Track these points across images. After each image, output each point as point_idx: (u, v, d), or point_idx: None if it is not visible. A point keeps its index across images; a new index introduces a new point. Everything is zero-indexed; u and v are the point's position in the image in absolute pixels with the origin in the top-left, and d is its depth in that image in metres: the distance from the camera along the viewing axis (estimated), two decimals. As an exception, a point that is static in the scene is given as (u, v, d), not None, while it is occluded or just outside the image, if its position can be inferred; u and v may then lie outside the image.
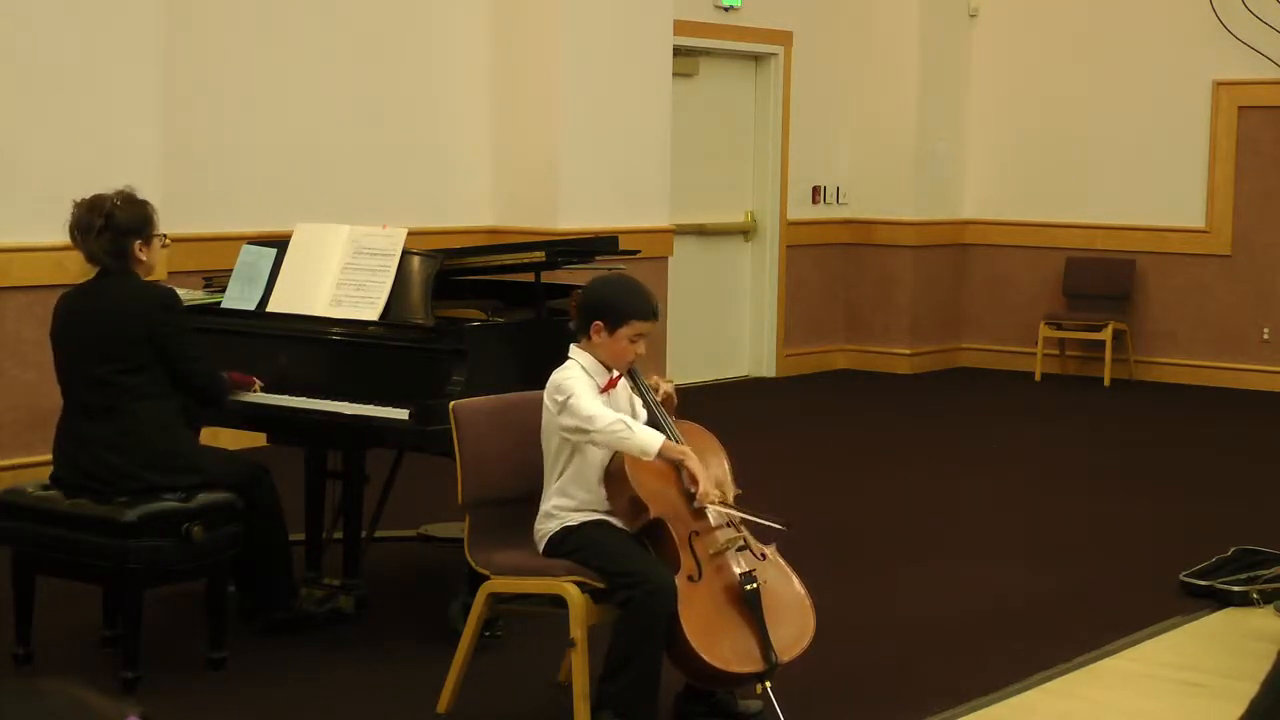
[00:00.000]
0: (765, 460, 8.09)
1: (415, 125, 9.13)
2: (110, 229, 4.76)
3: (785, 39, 11.41)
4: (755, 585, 4.27)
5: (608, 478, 4.34)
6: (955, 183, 12.20)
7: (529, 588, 4.41)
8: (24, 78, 6.83)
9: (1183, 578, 5.98)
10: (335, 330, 5.29)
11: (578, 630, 4.21)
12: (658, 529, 4.29)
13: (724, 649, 4.19)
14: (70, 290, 4.94)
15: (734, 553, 4.35)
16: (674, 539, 4.27)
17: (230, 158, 8.21)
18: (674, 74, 10.00)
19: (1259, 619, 5.61)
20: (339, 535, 5.46)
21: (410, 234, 5.38)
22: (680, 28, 10.19)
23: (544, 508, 4.43)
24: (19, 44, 6.81)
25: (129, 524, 4.60)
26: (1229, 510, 7.41)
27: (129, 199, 4.83)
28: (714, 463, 4.52)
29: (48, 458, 5.00)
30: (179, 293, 5.04)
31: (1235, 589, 5.79)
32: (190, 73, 7.96)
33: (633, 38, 9.60)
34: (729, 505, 4.37)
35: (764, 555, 4.43)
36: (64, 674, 1.73)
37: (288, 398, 5.24)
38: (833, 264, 12.06)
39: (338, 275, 5.33)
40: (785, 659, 4.27)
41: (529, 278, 5.53)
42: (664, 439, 4.28)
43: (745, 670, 4.23)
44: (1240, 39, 10.98)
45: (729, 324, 11.52)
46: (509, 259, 5.61)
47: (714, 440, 4.60)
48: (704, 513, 4.35)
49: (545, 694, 4.68)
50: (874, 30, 11.86)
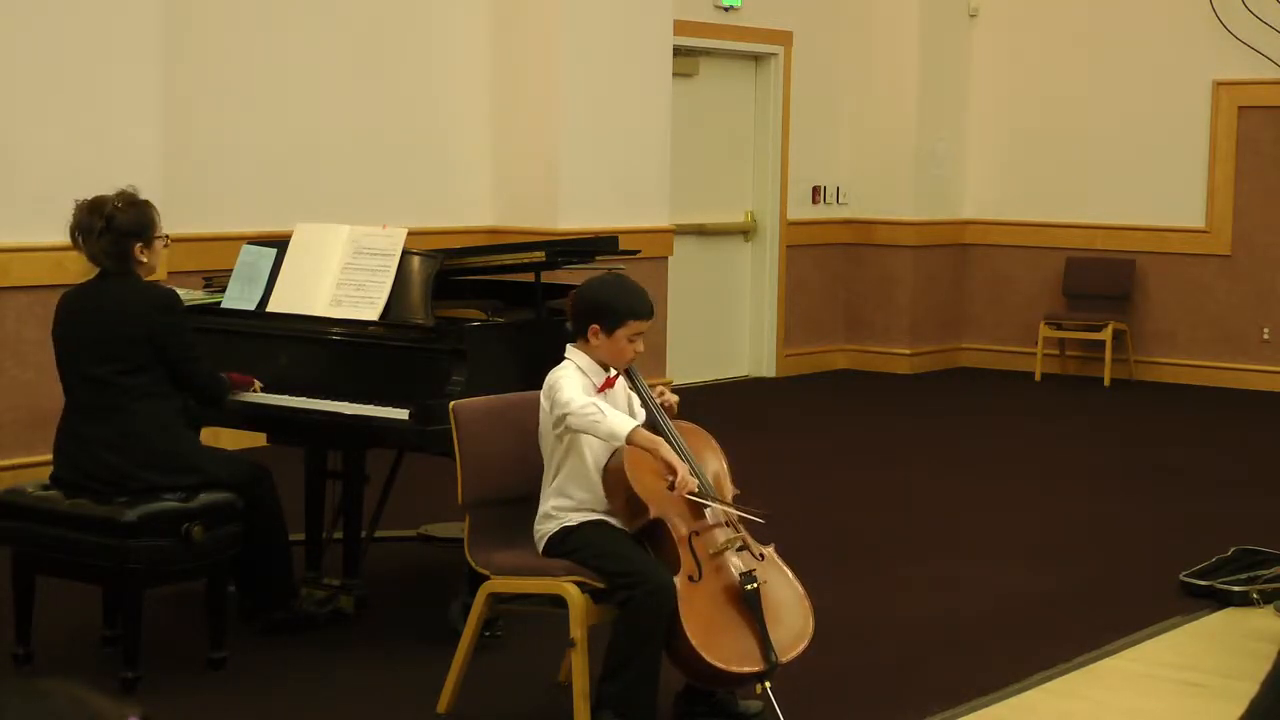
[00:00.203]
0: (765, 460, 8.09)
1: (415, 125, 9.12)
2: (111, 231, 4.75)
3: (785, 39, 11.41)
4: (755, 585, 4.27)
5: (607, 477, 4.34)
6: (955, 183, 12.20)
7: (529, 588, 4.41)
8: (24, 78, 6.83)
9: (1183, 578, 5.98)
10: (335, 330, 5.29)
11: (578, 630, 4.21)
12: (657, 529, 4.29)
13: (724, 649, 4.19)
14: (71, 290, 4.93)
15: (733, 552, 4.35)
16: (674, 539, 4.27)
17: (230, 158, 8.21)
18: (674, 74, 10.00)
19: (1259, 619, 5.61)
20: (339, 535, 5.46)
21: (410, 234, 5.38)
22: (680, 28, 10.19)
23: (543, 509, 4.43)
24: (19, 44, 6.81)
25: (129, 524, 4.60)
26: (1229, 510, 7.41)
27: (130, 200, 4.82)
28: (712, 462, 4.52)
29: (48, 458, 5.00)
30: (179, 293, 5.04)
31: (1235, 589, 5.79)
32: (190, 73, 7.95)
33: (633, 38, 9.60)
34: (707, 497, 4.33)
35: (762, 555, 4.43)
36: (64, 674, 1.73)
37: (288, 398, 5.24)
38: (833, 264, 12.06)
39: (338, 275, 5.33)
40: (785, 659, 4.27)
41: (529, 278, 5.53)
42: (636, 425, 4.24)
43: (745, 670, 4.23)
44: (1240, 39, 10.98)
45: (729, 324, 11.52)
46: (509, 259, 5.61)
47: (712, 440, 4.60)
48: (703, 512, 4.35)
49: (545, 694, 4.68)
50: (874, 30, 11.85)
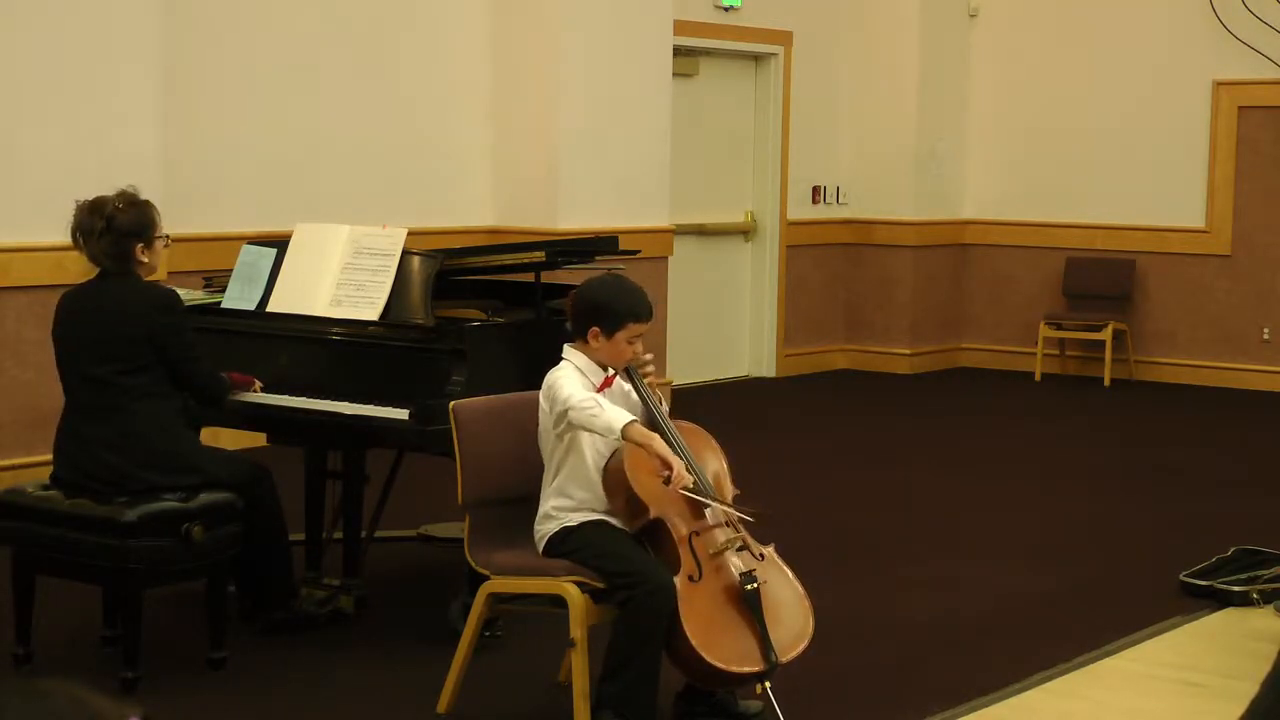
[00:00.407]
0: (765, 460, 8.09)
1: (415, 125, 9.12)
2: (111, 232, 4.74)
3: (785, 39, 11.41)
4: (755, 585, 4.27)
5: (606, 477, 4.34)
6: (955, 183, 12.20)
7: (529, 588, 4.41)
8: (24, 78, 6.83)
9: (1183, 578, 5.98)
10: (335, 330, 5.29)
11: (578, 630, 4.21)
12: (657, 529, 4.29)
13: (724, 649, 4.19)
14: (71, 290, 4.93)
15: (733, 552, 4.35)
16: (674, 539, 4.27)
17: (230, 158, 8.20)
18: (674, 74, 10.00)
19: (1259, 619, 5.61)
20: (339, 535, 5.46)
21: (410, 234, 5.38)
22: (680, 28, 10.19)
23: (543, 509, 4.43)
24: (19, 44, 6.81)
25: (129, 524, 4.60)
26: (1229, 510, 7.41)
27: (131, 201, 4.81)
28: (712, 462, 4.52)
29: (48, 458, 5.01)
30: (179, 293, 5.04)
31: (1235, 589, 5.79)
32: (190, 73, 7.95)
33: (633, 38, 9.60)
34: (704, 494, 4.33)
35: (762, 555, 4.43)
36: (64, 674, 1.74)
37: (288, 398, 5.24)
38: (833, 264, 12.05)
39: (338, 275, 5.33)
40: (785, 659, 4.27)
41: (529, 278, 5.53)
42: (631, 420, 4.21)
43: (745, 670, 4.23)
44: (1240, 39, 10.98)
45: (729, 324, 11.51)
46: (509, 259, 5.61)
47: (712, 440, 4.60)
48: (703, 512, 4.35)
49: (545, 694, 4.68)
50: (874, 30, 11.85)
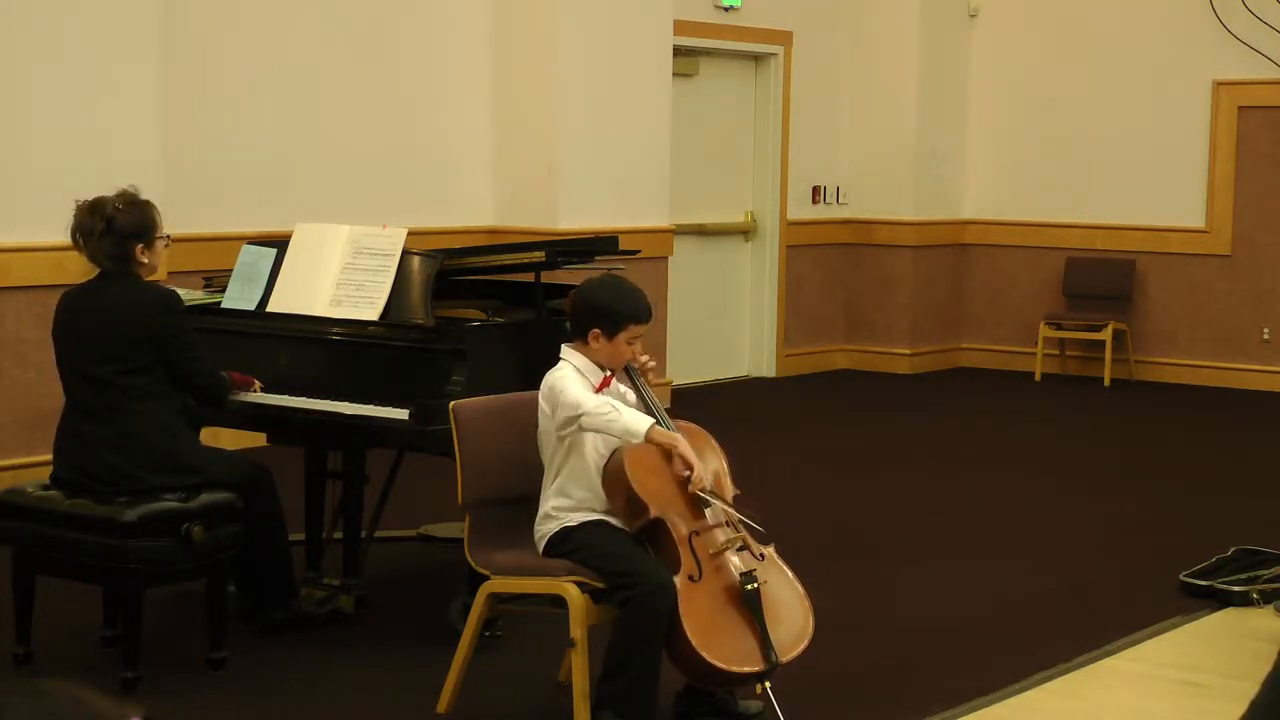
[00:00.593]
0: (765, 460, 8.09)
1: (415, 125, 9.13)
2: (112, 232, 4.74)
3: (785, 39, 11.41)
4: (755, 585, 4.27)
5: (606, 476, 4.34)
6: (955, 183, 12.20)
7: (529, 588, 4.41)
8: (24, 78, 6.83)
9: (1183, 578, 5.98)
10: (335, 330, 5.29)
11: (578, 630, 4.21)
12: (657, 529, 4.29)
13: (724, 648, 4.19)
14: (71, 290, 4.93)
15: (733, 552, 4.35)
16: (674, 538, 4.27)
17: (230, 158, 8.20)
18: (674, 74, 10.00)
19: (1259, 619, 5.61)
20: (339, 535, 5.46)
21: (410, 234, 5.38)
22: (680, 28, 10.19)
23: (543, 509, 4.43)
24: (19, 44, 6.81)
25: (129, 524, 4.59)
26: (1229, 510, 7.41)
27: (131, 201, 4.81)
28: (712, 461, 4.52)
29: (48, 458, 5.00)
30: (179, 293, 5.03)
31: (1235, 589, 5.79)
32: (190, 73, 7.95)
33: (633, 38, 9.60)
34: (718, 497, 4.36)
35: (763, 555, 4.43)
36: (64, 674, 1.73)
37: (288, 398, 5.24)
38: (833, 264, 12.05)
39: (338, 275, 5.33)
40: (785, 659, 4.27)
41: (529, 278, 5.53)
42: (652, 422, 4.25)
43: (745, 670, 4.23)
44: (1240, 39, 10.98)
45: (729, 324, 11.51)
46: (509, 259, 5.61)
47: (712, 440, 4.59)
48: (703, 511, 4.35)
49: (545, 694, 4.68)
50: (874, 30, 11.85)
